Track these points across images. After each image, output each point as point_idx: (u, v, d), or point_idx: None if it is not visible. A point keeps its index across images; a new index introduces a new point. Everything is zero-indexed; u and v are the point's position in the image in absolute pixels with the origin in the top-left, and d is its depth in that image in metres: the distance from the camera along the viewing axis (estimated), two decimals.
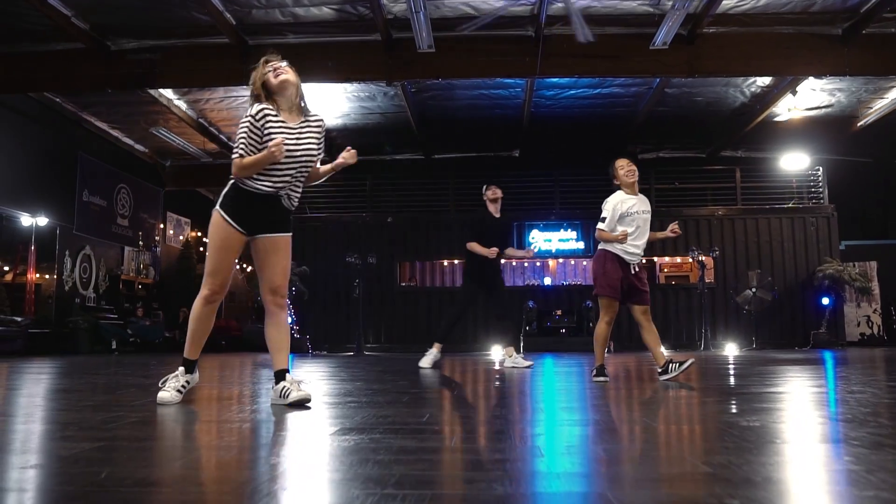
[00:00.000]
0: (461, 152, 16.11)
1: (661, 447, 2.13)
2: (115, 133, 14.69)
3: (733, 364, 7.71)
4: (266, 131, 3.32)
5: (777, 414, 2.83)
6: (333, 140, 15.44)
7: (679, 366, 4.77)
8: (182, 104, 13.27)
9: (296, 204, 3.51)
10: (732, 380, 5.08)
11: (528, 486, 1.56)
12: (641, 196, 5.06)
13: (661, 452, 2.04)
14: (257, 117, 3.33)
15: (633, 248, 4.88)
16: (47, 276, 13.16)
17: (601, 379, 4.81)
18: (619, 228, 4.85)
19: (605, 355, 5.04)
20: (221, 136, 14.79)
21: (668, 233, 5.23)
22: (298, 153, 3.35)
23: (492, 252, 7.16)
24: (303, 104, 3.51)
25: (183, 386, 3.38)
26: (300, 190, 3.53)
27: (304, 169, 3.41)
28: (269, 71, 3.44)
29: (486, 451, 2.06)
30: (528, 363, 7.22)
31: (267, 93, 3.42)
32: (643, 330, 4.93)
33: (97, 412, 2.99)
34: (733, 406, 3.19)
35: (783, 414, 2.86)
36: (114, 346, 13.16)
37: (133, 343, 13.75)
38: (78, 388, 4.50)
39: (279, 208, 3.38)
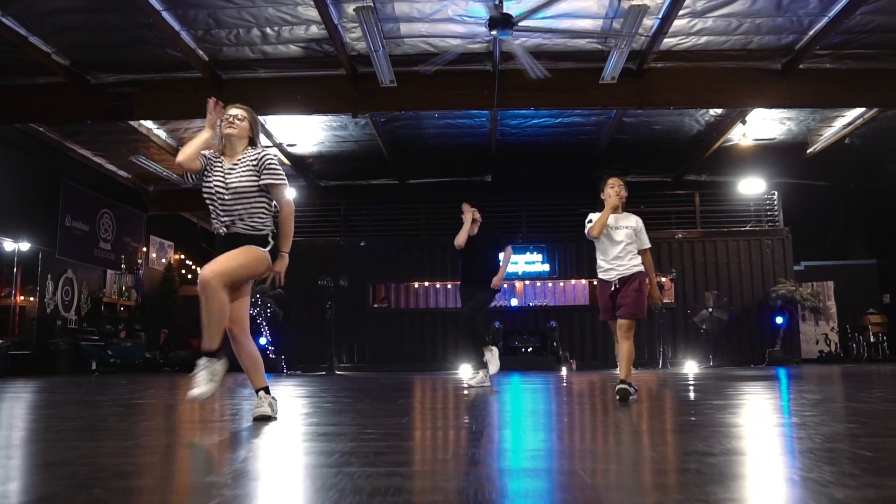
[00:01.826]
0: (434, 177, 16.71)
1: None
2: (97, 160, 15.23)
3: (688, 382, 8.22)
4: (206, 165, 3.87)
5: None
6: (310, 166, 16.04)
7: (627, 393, 4.78)
8: (162, 133, 13.82)
9: (256, 227, 3.79)
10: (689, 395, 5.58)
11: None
12: (626, 214, 5.20)
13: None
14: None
15: (608, 266, 5.03)
16: (31, 299, 13.62)
17: (632, 396, 4.85)
18: (601, 246, 5.06)
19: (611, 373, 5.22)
20: None
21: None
22: (229, 190, 3.75)
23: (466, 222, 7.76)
24: (247, 148, 3.91)
25: (212, 376, 3.54)
26: (256, 219, 3.80)
27: (241, 200, 3.75)
28: (224, 122, 3.92)
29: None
30: (480, 381, 7.13)
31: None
32: (617, 343, 5.02)
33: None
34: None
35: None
36: (94, 367, 13.60)
37: (113, 364, 14.19)
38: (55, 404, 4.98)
39: (236, 241, 3.72)
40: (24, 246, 13.10)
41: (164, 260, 18.23)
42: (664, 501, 1.65)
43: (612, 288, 4.95)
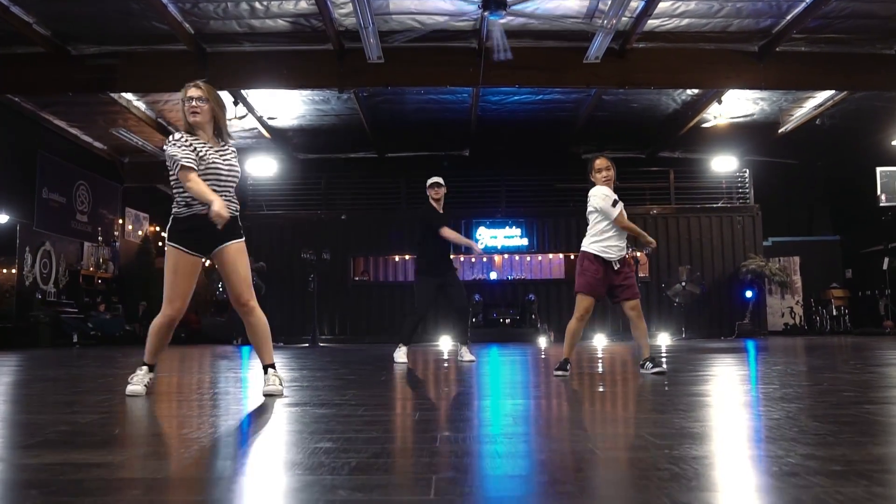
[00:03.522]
0: (413, 151, 16.81)
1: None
2: (73, 131, 15.04)
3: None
4: (198, 152, 3.54)
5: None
6: (290, 139, 16.04)
7: (652, 367, 4.89)
8: (141, 105, 13.70)
9: (235, 210, 3.67)
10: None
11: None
12: (616, 200, 5.02)
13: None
14: (182, 141, 3.55)
15: (611, 244, 4.91)
16: (4, 271, 13.50)
17: (561, 373, 4.81)
18: (602, 224, 4.92)
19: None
20: None
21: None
22: (225, 170, 3.61)
23: (474, 246, 8.10)
24: (218, 133, 3.69)
25: (147, 383, 3.67)
26: (235, 203, 3.72)
27: (232, 184, 3.67)
28: (187, 107, 3.60)
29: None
30: (470, 358, 6.96)
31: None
32: (631, 325, 4.98)
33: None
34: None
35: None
36: (75, 340, 13.59)
37: (94, 336, 14.18)
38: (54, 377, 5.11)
39: (230, 222, 3.54)
40: (3, 219, 12.96)
41: (140, 232, 18.13)
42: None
43: (615, 268, 4.86)
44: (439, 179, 7.32)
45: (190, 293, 3.68)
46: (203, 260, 3.70)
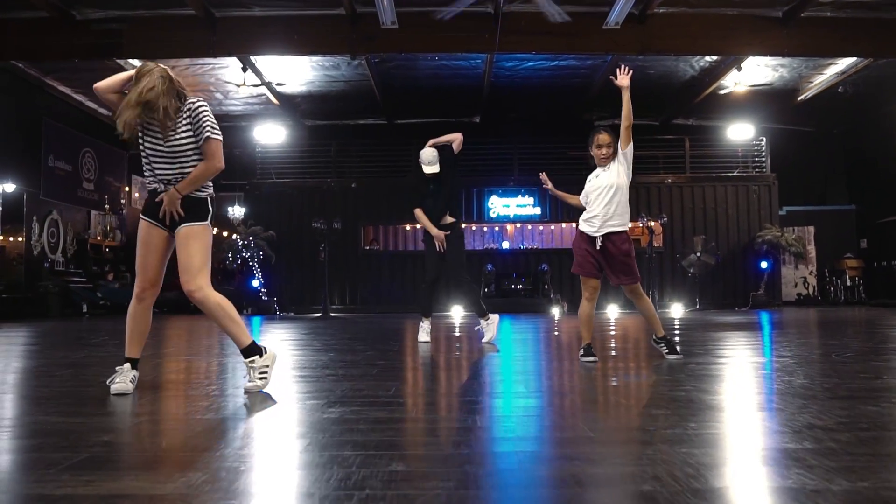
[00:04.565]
0: (423, 118, 16.52)
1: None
2: (78, 97, 14.76)
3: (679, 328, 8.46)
4: (139, 128, 3.25)
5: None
6: (298, 105, 15.75)
7: (667, 350, 4.64)
8: None
9: (199, 193, 3.34)
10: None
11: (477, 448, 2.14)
12: (610, 166, 4.56)
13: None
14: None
15: (590, 219, 4.55)
16: (13, 239, 13.35)
17: (589, 360, 4.47)
18: (587, 199, 4.57)
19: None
20: None
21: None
22: (164, 150, 3.24)
23: (439, 235, 6.31)
24: (170, 112, 3.20)
25: (132, 380, 3.34)
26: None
27: (178, 161, 3.26)
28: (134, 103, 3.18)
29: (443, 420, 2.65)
30: (489, 337, 6.21)
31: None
32: (637, 306, 4.70)
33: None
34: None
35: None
36: (85, 310, 13.49)
37: (103, 306, 14.08)
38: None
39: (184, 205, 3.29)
40: (10, 187, 12.77)
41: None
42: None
43: (597, 245, 4.48)
44: (433, 169, 6.27)
45: (160, 267, 3.40)
46: (170, 236, 3.38)
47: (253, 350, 3.34)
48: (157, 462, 2.07)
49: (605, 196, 4.49)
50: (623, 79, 4.60)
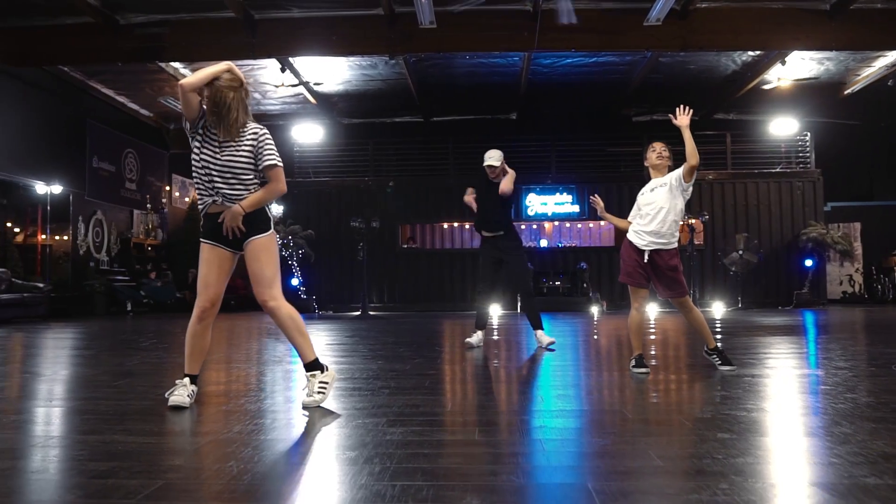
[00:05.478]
0: (460, 115, 16.51)
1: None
2: (120, 99, 15.02)
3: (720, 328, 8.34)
4: (198, 139, 3.33)
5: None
6: (335, 104, 15.82)
7: (720, 362, 4.57)
8: (187, 72, 13.55)
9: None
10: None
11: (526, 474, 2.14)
12: (666, 185, 4.51)
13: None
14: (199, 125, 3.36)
15: (642, 232, 4.52)
16: (58, 238, 13.65)
17: (641, 371, 4.44)
18: (638, 212, 4.57)
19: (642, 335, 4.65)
20: None
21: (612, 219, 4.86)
22: (218, 165, 3.30)
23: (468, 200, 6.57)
24: (238, 123, 3.31)
25: (190, 394, 3.38)
26: (242, 197, 3.36)
27: (230, 179, 3.32)
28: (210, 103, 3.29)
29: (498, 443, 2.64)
30: (549, 340, 6.29)
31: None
32: (685, 318, 4.66)
33: None
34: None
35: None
36: (129, 308, 13.75)
37: (146, 304, 14.34)
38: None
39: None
40: (56, 189, 13.05)
41: (186, 198, 18.17)
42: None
43: (644, 259, 4.47)
44: (491, 162, 6.40)
45: (222, 286, 3.44)
46: (238, 253, 3.47)
47: (315, 365, 3.41)
48: (230, 490, 2.09)
49: (658, 216, 4.48)
50: (682, 119, 4.52)
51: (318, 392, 3.35)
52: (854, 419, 2.95)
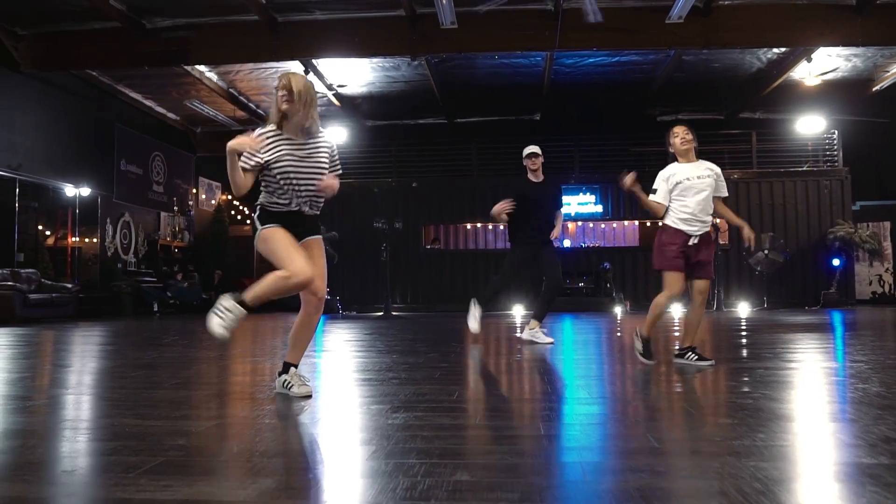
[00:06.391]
0: (483, 116, 16.53)
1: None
2: (147, 103, 15.27)
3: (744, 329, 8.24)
4: (271, 146, 3.41)
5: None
6: (358, 106, 15.93)
7: (696, 359, 4.52)
8: (213, 76, 13.77)
9: (318, 210, 3.61)
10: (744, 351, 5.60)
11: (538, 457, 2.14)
12: (699, 162, 4.66)
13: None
14: (260, 136, 3.42)
15: (690, 218, 4.51)
16: (86, 240, 13.92)
17: (646, 362, 4.57)
18: (680, 200, 4.54)
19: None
20: (251, 105, 15.36)
21: (745, 230, 4.89)
22: (306, 169, 3.45)
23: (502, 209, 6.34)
24: (309, 124, 3.50)
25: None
26: (320, 201, 3.59)
27: (318, 177, 3.49)
28: (280, 97, 3.44)
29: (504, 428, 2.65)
30: (548, 340, 6.33)
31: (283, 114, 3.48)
32: (691, 307, 4.64)
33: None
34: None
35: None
36: (156, 309, 13.97)
37: (173, 305, 14.55)
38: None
39: (305, 218, 3.50)
40: (85, 191, 13.32)
41: (213, 201, 18.41)
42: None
43: (691, 242, 4.46)
44: (534, 149, 6.53)
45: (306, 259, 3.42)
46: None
47: (288, 370, 3.48)
48: (229, 467, 2.13)
49: (702, 197, 4.54)
50: (628, 180, 4.75)
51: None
52: (861, 406, 2.91)
